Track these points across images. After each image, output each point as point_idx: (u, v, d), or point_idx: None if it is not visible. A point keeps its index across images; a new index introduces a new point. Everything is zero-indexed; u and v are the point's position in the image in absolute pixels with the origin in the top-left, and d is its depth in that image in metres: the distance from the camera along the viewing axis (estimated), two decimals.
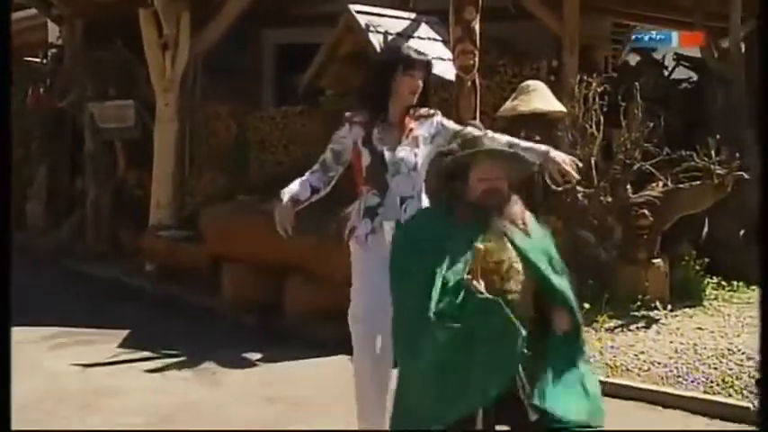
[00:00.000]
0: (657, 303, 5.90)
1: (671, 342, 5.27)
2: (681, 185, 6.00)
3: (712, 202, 6.02)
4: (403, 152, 3.42)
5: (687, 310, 5.97)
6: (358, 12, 6.44)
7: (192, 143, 8.51)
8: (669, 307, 5.91)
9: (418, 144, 3.45)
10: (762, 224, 3.40)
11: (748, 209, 7.09)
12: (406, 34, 6.65)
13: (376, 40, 6.31)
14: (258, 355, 5.44)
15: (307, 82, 6.93)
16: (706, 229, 7.22)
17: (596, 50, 10.00)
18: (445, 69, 6.44)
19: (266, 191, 7.54)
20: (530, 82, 5.97)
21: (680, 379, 4.66)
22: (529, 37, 8.93)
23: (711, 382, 4.59)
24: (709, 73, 8.51)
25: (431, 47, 6.72)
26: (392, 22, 6.62)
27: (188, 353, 5.48)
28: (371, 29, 6.36)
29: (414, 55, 3.47)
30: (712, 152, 5.88)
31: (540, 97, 5.78)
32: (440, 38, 6.86)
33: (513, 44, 8.30)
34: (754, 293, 6.50)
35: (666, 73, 9.52)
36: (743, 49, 7.88)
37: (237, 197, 7.09)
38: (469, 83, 6.19)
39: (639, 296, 5.92)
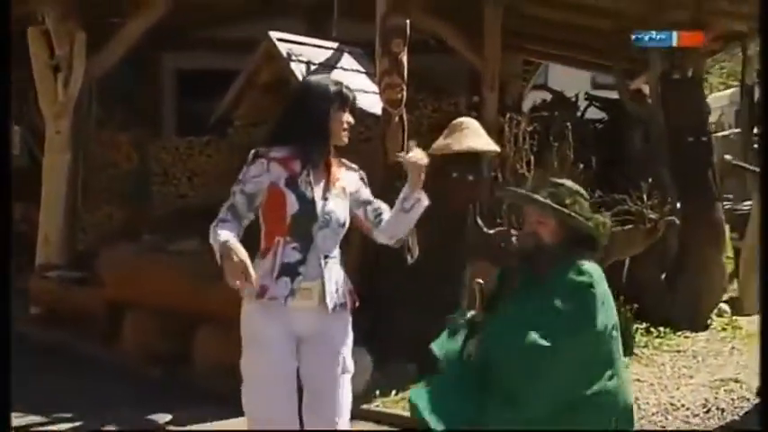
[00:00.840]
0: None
1: None
2: (613, 229, 5.81)
3: (644, 246, 5.87)
4: (333, 203, 2.97)
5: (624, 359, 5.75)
6: (279, 39, 6.02)
7: (87, 173, 7.81)
8: None
9: (345, 196, 3.03)
10: (762, 232, 3.22)
11: (668, 251, 7.07)
12: (329, 65, 6.27)
13: (298, 70, 5.89)
14: (167, 417, 4.84)
15: (222, 111, 6.42)
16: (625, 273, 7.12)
17: (509, 87, 9.95)
18: (371, 103, 6.09)
19: (169, 227, 6.99)
20: (462, 119, 5.68)
21: None
22: (447, 71, 8.77)
23: None
24: (624, 113, 8.51)
25: (355, 79, 6.38)
26: (314, 51, 6.24)
27: (82, 413, 4.85)
28: (293, 58, 5.95)
29: (347, 90, 3.03)
30: (644, 196, 5.75)
31: (473, 135, 5.48)
32: (363, 70, 6.51)
33: (432, 78, 8.08)
34: (682, 340, 6.41)
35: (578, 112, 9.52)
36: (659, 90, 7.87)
37: (143, 236, 6.46)
38: (397, 118, 5.88)
39: None
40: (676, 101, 7.39)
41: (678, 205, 6.68)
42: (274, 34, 6.07)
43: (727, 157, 7.79)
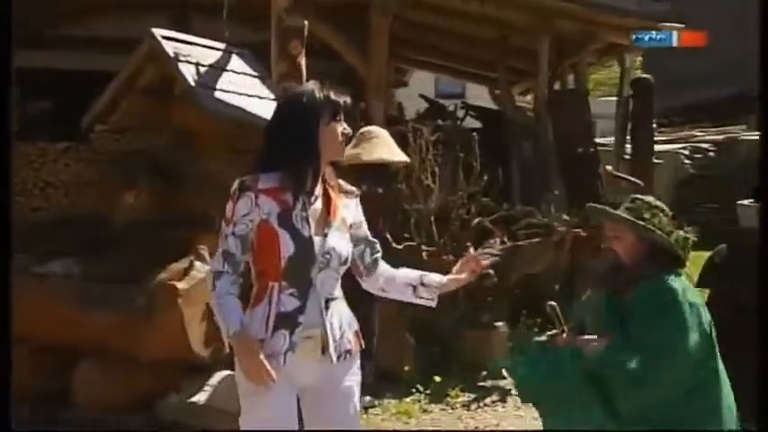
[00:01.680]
0: (504, 371, 5.49)
1: (535, 418, 4.81)
2: (521, 243, 5.68)
3: (553, 259, 5.77)
4: (334, 239, 2.50)
5: None
6: (164, 38, 5.42)
7: None
8: None
9: (346, 229, 2.58)
10: (762, 231, 3.30)
11: (561, 263, 7.06)
12: (220, 67, 5.73)
13: (187, 72, 5.33)
14: None
15: (96, 115, 5.73)
16: None
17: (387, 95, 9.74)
18: (267, 109, 5.63)
19: (28, 245, 6.20)
20: (371, 128, 5.34)
21: None
22: (329, 76, 8.41)
23: None
24: (502, 122, 8.50)
25: (247, 83, 5.87)
26: (204, 52, 5.67)
27: None
28: (181, 58, 5.37)
29: (336, 96, 2.52)
30: (552, 208, 5.65)
31: (383, 145, 5.14)
32: (255, 73, 6.02)
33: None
34: None
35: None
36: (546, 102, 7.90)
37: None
38: None
39: (485, 363, 5.48)
40: (564, 112, 7.44)
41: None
42: (159, 32, 5.46)
43: (608, 167, 7.92)
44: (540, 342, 3.11)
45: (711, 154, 18.01)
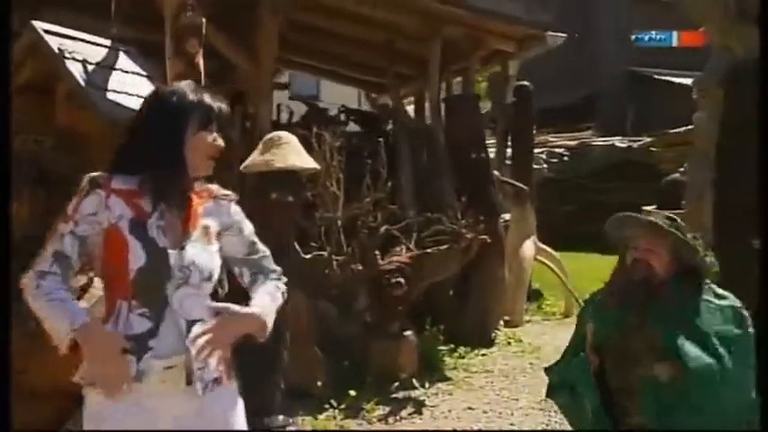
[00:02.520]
0: (414, 381, 5.40)
1: (453, 430, 4.76)
2: (429, 250, 5.60)
3: (459, 266, 5.72)
4: (193, 251, 2.16)
5: (440, 385, 5.56)
6: (47, 31, 4.93)
7: None
8: (426, 384, 5.43)
9: (211, 239, 2.22)
10: (762, 230, 3.17)
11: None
12: (108, 65, 5.28)
13: (76, 71, 4.88)
14: None
15: None
16: None
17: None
18: None
19: None
20: (280, 133, 5.06)
21: None
22: (216, 77, 8.04)
23: None
24: (396, 128, 8.42)
25: (136, 83, 5.45)
26: (89, 48, 5.21)
27: None
28: (67, 54, 4.91)
29: (210, 101, 2.19)
30: (459, 215, 5.60)
31: (295, 152, 4.89)
32: (145, 73, 5.61)
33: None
34: (481, 358, 6.38)
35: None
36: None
37: None
38: None
39: (397, 374, 5.35)
40: (455, 117, 7.44)
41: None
42: (39, 25, 4.96)
43: (495, 173, 8.00)
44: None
45: (565, 159, 18.87)
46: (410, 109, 9.72)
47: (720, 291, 2.71)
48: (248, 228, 2.31)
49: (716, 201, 3.64)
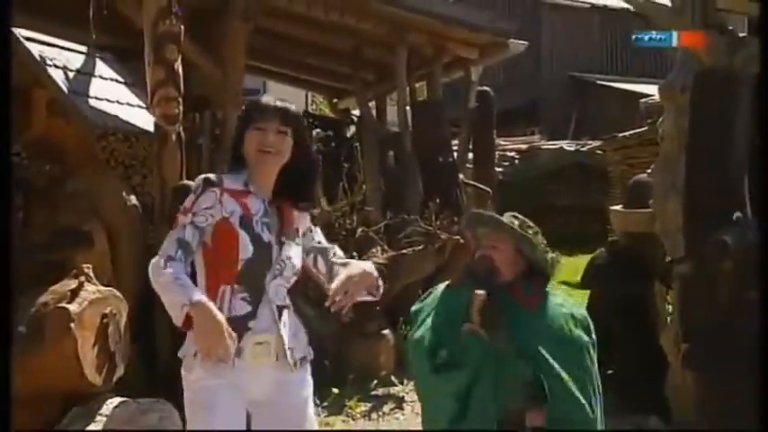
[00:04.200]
0: (393, 378, 5.56)
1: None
2: (404, 251, 5.77)
3: (434, 267, 5.90)
4: (289, 248, 2.50)
5: None
6: (28, 39, 4.98)
7: None
8: (405, 381, 5.60)
9: (298, 240, 2.58)
10: (761, 227, 3.32)
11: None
12: (87, 72, 5.36)
13: (58, 78, 4.94)
14: None
15: None
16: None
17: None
18: (138, 118, 5.35)
19: None
20: None
21: None
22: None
23: None
24: (342, 132, 8.59)
25: (115, 90, 5.55)
26: (69, 55, 5.28)
27: None
28: (48, 62, 4.96)
29: (263, 102, 2.52)
30: (433, 216, 5.79)
31: None
32: (122, 79, 5.68)
33: None
34: None
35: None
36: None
37: None
38: (174, 135, 5.23)
39: (376, 372, 5.52)
40: (423, 123, 7.64)
41: None
42: (20, 32, 5.00)
43: (460, 176, 8.21)
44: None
45: (516, 162, 19.27)
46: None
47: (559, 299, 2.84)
48: (318, 231, 2.71)
49: (686, 201, 3.87)
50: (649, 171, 4.90)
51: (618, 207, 5.45)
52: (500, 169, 18.12)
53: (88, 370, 4.21)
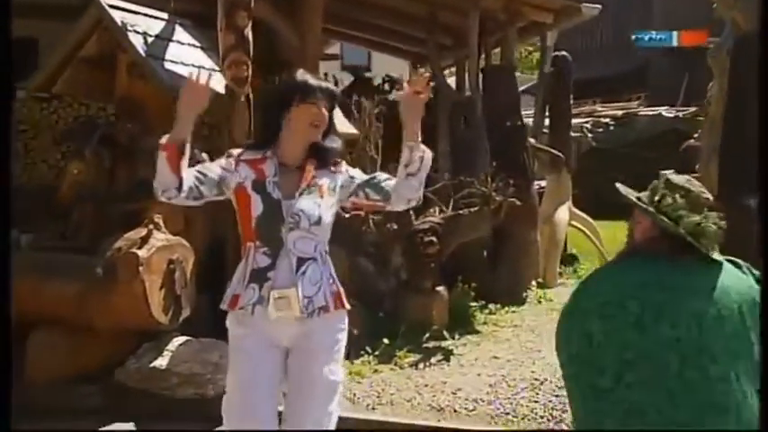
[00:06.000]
0: (445, 333, 5.80)
1: (478, 375, 5.15)
2: (460, 212, 5.97)
3: (489, 228, 6.08)
4: (304, 202, 2.74)
5: (469, 336, 5.96)
6: (111, 6, 5.39)
7: None
8: (456, 336, 5.84)
9: (323, 194, 2.79)
10: (762, 225, 3.35)
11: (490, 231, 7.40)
12: (166, 37, 5.74)
13: (138, 43, 5.34)
14: None
15: (38, 84, 5.65)
16: None
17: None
18: (212, 81, 5.69)
19: None
20: None
21: (509, 416, 4.53)
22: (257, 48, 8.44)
23: (540, 416, 4.53)
24: (436, 98, 8.74)
25: (191, 54, 5.92)
26: (150, 21, 5.67)
27: None
28: (129, 28, 5.37)
29: (313, 81, 2.80)
30: (489, 179, 5.95)
31: (336, 119, 5.31)
32: (199, 44, 6.05)
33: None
34: (510, 315, 6.74)
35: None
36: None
37: None
38: (243, 97, 5.55)
39: (428, 326, 5.77)
40: (493, 87, 7.74)
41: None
42: (104, 0, 5.43)
43: (531, 140, 8.29)
44: None
45: (611, 128, 18.93)
46: (452, 80, 9.99)
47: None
48: (357, 176, 2.89)
49: (720, 165, 3.93)
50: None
51: (668, 171, 5.47)
52: (591, 135, 17.94)
53: (155, 310, 4.65)
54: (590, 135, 18.25)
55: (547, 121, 9.42)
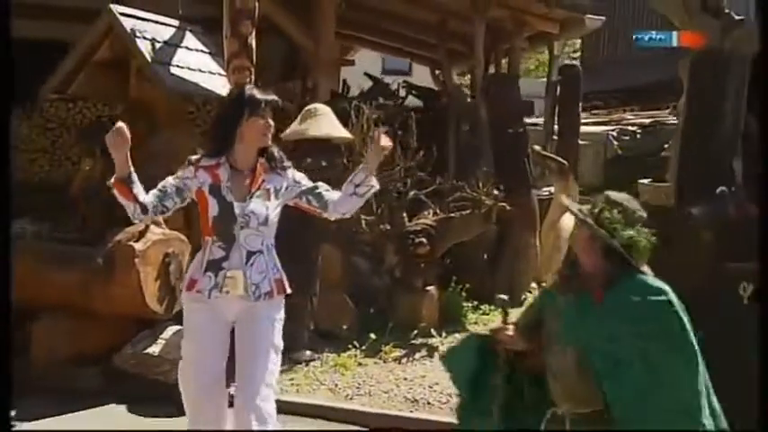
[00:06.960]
0: (432, 330, 6.03)
1: None
2: (452, 214, 6.19)
3: (480, 230, 6.29)
4: (254, 204, 3.23)
5: (457, 335, 6.11)
6: (122, 14, 5.73)
7: None
8: (443, 334, 6.06)
9: (270, 197, 3.28)
10: (761, 230, 3.38)
11: (489, 235, 7.60)
12: (174, 43, 6.06)
13: (145, 48, 5.66)
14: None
15: (55, 85, 6.00)
16: None
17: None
18: (217, 85, 6.01)
19: None
20: (317, 105, 5.78)
21: None
22: (275, 54, 8.75)
23: None
24: (445, 103, 8.96)
25: (199, 59, 6.23)
26: (159, 28, 6.00)
27: None
28: (138, 35, 5.70)
29: (259, 96, 3.25)
30: (480, 183, 6.16)
31: (328, 122, 5.60)
32: (207, 49, 6.37)
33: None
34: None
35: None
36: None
37: None
38: None
39: (417, 324, 6.00)
40: (497, 94, 7.95)
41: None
42: (116, 8, 5.76)
43: (536, 147, 8.46)
44: (480, 337, 3.18)
45: (638, 136, 18.93)
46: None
47: (652, 281, 2.62)
48: (302, 182, 3.35)
49: (677, 174, 4.11)
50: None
51: (646, 181, 5.64)
52: (617, 143, 17.95)
53: (150, 299, 4.97)
54: (616, 143, 18.26)
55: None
